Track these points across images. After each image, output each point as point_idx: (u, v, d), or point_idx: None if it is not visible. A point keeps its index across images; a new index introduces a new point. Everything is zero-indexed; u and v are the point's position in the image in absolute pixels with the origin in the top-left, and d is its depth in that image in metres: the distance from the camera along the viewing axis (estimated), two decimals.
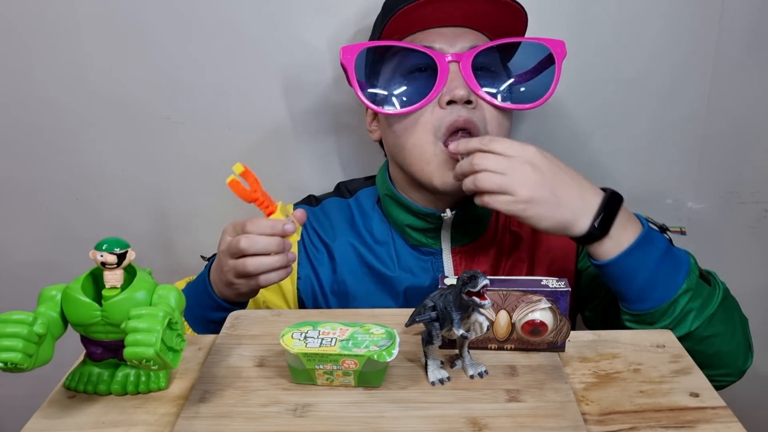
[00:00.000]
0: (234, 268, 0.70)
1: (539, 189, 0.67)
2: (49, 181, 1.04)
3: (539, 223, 0.68)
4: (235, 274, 0.70)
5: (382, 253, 0.84)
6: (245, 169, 0.68)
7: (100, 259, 0.53)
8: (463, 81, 0.75)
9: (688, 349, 0.63)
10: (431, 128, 0.76)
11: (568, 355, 0.61)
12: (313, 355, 0.54)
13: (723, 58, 0.97)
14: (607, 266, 0.70)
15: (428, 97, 0.75)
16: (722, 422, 0.52)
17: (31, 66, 0.98)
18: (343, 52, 0.77)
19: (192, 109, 1.00)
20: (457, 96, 0.74)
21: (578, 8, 0.95)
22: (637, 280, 0.69)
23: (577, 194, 0.69)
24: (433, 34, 0.78)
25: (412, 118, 0.77)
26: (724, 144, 1.02)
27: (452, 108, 0.75)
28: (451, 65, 0.76)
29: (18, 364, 0.49)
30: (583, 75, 0.98)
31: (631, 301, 0.71)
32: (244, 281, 0.71)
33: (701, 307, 0.70)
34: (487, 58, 0.78)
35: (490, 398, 0.54)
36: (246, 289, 0.72)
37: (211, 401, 0.54)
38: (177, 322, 0.51)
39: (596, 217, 0.68)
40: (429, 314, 0.56)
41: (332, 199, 0.90)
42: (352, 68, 0.77)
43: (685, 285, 0.69)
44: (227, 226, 0.74)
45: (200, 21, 0.95)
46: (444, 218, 0.80)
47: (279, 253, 0.69)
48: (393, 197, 0.83)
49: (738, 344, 0.74)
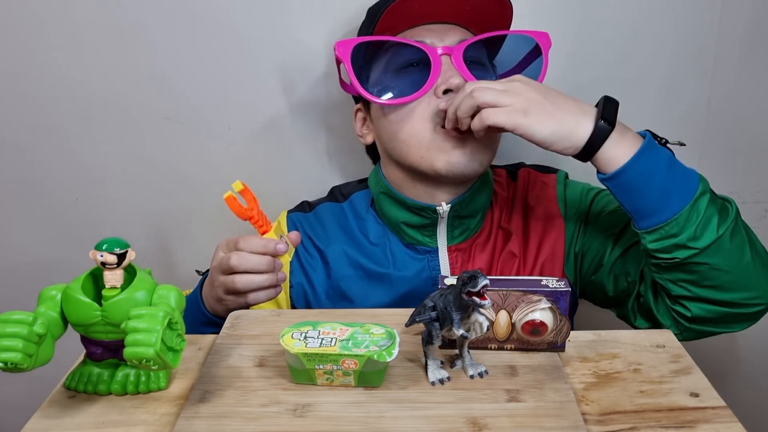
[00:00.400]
0: (224, 284, 0.71)
1: (535, 95, 0.69)
2: (49, 181, 1.04)
3: (541, 128, 0.68)
4: (225, 290, 0.72)
5: (377, 254, 0.84)
6: (244, 187, 0.69)
7: (100, 259, 0.53)
8: (457, 72, 0.76)
9: (717, 268, 0.64)
10: (428, 116, 0.77)
11: (568, 355, 0.61)
12: (313, 355, 0.54)
13: (723, 58, 0.97)
14: (622, 174, 0.68)
15: (424, 88, 0.76)
16: (722, 422, 0.52)
17: (31, 66, 0.98)
18: (338, 47, 0.78)
19: (192, 109, 1.00)
20: (453, 84, 0.75)
21: (578, 8, 0.95)
22: (654, 185, 0.68)
23: (573, 102, 0.71)
24: (423, 30, 0.79)
25: (407, 109, 0.78)
26: (724, 144, 1.02)
27: (449, 96, 0.76)
28: (443, 58, 0.77)
29: (18, 364, 0.49)
30: (583, 75, 0.98)
31: (652, 214, 0.69)
32: (233, 298, 0.72)
33: (722, 212, 0.69)
34: (476, 53, 0.80)
35: (490, 398, 0.54)
36: (235, 305, 0.73)
37: (211, 401, 0.54)
38: (177, 322, 0.51)
39: (599, 116, 0.68)
40: (429, 314, 0.56)
41: (326, 204, 0.91)
42: (348, 61, 0.78)
43: (701, 187, 0.68)
44: (221, 243, 0.75)
45: (200, 21, 0.95)
46: (440, 211, 0.80)
47: (269, 273, 0.70)
48: (388, 194, 0.83)
49: (765, 259, 0.72)
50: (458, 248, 0.83)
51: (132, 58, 0.97)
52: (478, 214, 0.84)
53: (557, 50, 0.96)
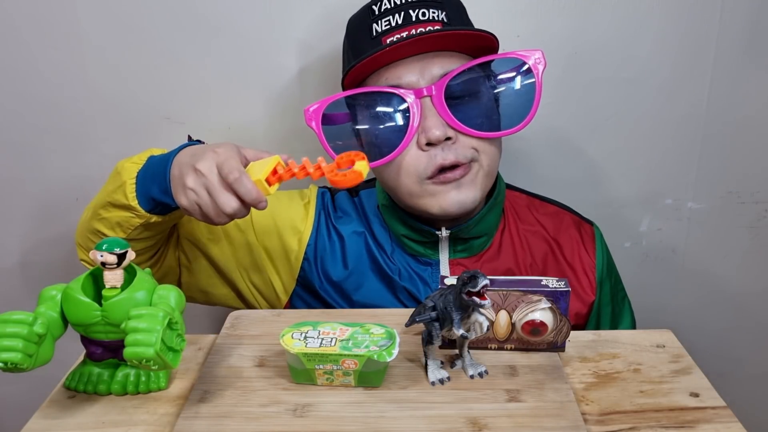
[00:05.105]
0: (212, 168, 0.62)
1: None
2: (49, 181, 1.04)
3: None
4: (202, 185, 0.63)
5: (383, 254, 0.84)
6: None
7: (100, 259, 0.53)
8: (438, 117, 0.72)
9: None
10: (414, 171, 0.74)
11: (568, 355, 0.61)
12: (313, 355, 0.54)
13: (723, 58, 0.97)
14: None
15: (404, 141, 0.73)
16: (722, 422, 0.52)
17: (31, 66, 0.98)
18: (306, 116, 0.74)
19: (192, 109, 1.00)
20: (433, 138, 0.71)
21: (578, 8, 0.95)
22: None
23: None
24: (401, 68, 0.74)
25: (394, 163, 0.75)
26: (723, 144, 1.02)
27: (433, 151, 0.73)
28: (423, 101, 0.72)
29: (18, 364, 0.49)
30: (583, 75, 0.98)
31: None
32: (203, 194, 0.63)
33: None
34: (462, 82, 0.74)
35: (490, 398, 0.54)
36: (189, 201, 0.64)
37: (211, 401, 0.54)
38: (177, 322, 0.51)
39: None
40: (429, 314, 0.56)
41: (343, 194, 0.89)
42: (320, 130, 0.74)
43: None
44: (231, 147, 0.65)
45: (200, 21, 0.95)
46: (439, 235, 0.80)
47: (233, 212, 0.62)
48: (391, 207, 0.82)
49: None
50: (460, 262, 0.82)
51: (132, 58, 0.97)
52: (483, 236, 0.82)
53: (557, 50, 0.96)
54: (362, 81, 0.79)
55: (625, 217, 1.06)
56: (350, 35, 0.81)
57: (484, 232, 0.81)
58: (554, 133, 1.01)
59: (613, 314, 0.86)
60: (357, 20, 0.80)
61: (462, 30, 0.73)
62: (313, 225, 0.84)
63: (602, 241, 0.87)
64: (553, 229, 0.86)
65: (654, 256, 1.08)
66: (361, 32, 0.78)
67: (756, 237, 1.07)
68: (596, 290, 0.84)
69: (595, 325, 0.84)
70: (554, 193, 0.92)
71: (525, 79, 0.76)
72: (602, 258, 0.85)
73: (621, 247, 1.07)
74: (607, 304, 0.85)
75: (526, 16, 0.95)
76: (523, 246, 0.84)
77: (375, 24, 0.76)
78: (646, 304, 1.04)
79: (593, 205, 1.01)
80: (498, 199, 0.83)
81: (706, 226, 1.06)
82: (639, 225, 1.07)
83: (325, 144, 0.75)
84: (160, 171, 0.68)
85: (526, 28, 0.95)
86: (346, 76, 0.76)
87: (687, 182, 1.04)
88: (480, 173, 0.76)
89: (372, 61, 0.73)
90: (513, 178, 0.93)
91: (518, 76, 0.76)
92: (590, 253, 0.85)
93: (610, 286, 0.86)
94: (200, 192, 0.63)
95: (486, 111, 0.76)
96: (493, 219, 0.82)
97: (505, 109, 0.77)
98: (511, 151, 1.00)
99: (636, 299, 0.92)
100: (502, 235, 0.84)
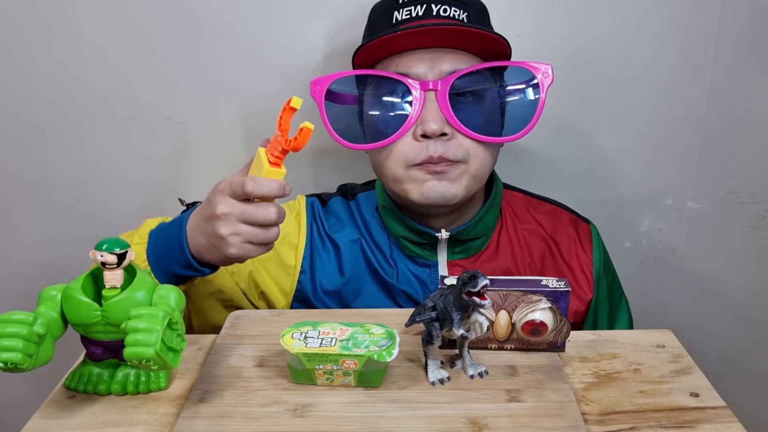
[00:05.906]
0: (232, 214, 0.62)
1: None
2: (49, 181, 1.04)
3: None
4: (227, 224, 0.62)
5: (381, 258, 0.84)
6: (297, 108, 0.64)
7: (100, 259, 0.52)
8: (439, 112, 0.73)
9: None
10: (403, 158, 0.75)
11: (568, 355, 0.61)
12: (313, 355, 0.54)
13: (723, 57, 0.97)
14: None
15: (402, 129, 0.74)
16: (722, 422, 0.52)
17: (31, 66, 0.98)
18: (312, 86, 0.75)
19: (192, 109, 1.00)
20: (429, 131, 0.72)
21: (578, 8, 0.95)
22: None
23: None
24: (412, 57, 0.75)
25: (387, 147, 0.76)
26: (723, 144, 1.02)
27: (426, 142, 0.73)
28: (427, 94, 0.73)
29: (18, 364, 0.49)
30: (583, 75, 0.98)
31: None
32: (233, 235, 0.63)
33: None
34: (469, 83, 0.75)
35: (490, 398, 0.54)
36: (223, 249, 0.63)
37: (211, 401, 0.54)
38: (177, 322, 0.51)
39: None
40: (429, 314, 0.56)
41: (337, 199, 0.90)
42: (321, 102, 0.75)
43: None
44: (219, 185, 0.65)
45: (200, 21, 0.95)
46: (439, 237, 0.80)
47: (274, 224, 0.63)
48: (390, 208, 0.82)
49: None
50: (458, 263, 0.82)
51: (132, 58, 0.97)
52: (481, 237, 0.83)
53: (557, 50, 0.96)
54: (373, 65, 0.79)
55: (625, 217, 1.06)
56: (371, 20, 0.82)
57: (482, 233, 0.82)
58: (554, 133, 1.01)
59: (610, 312, 0.86)
60: (380, 7, 0.81)
61: (474, 29, 0.73)
62: (306, 237, 0.84)
63: (599, 240, 0.88)
64: (550, 227, 0.86)
65: (654, 256, 1.08)
66: (382, 18, 0.79)
67: (756, 237, 1.07)
68: (593, 288, 0.84)
69: (592, 322, 0.85)
70: (554, 193, 0.92)
71: (530, 92, 0.76)
72: (599, 256, 0.86)
73: (621, 247, 1.07)
74: (604, 301, 0.85)
75: (526, 16, 0.95)
76: (521, 245, 0.84)
77: (396, 12, 0.77)
78: (646, 304, 1.05)
79: (593, 205, 1.01)
80: (495, 200, 0.83)
81: (706, 226, 1.06)
82: (639, 225, 1.07)
83: (325, 118, 0.76)
84: (175, 249, 0.67)
85: (527, 28, 0.95)
86: (357, 55, 0.77)
87: (687, 182, 1.04)
88: (465, 175, 0.76)
89: (385, 43, 0.74)
90: (513, 177, 0.93)
91: (524, 87, 0.77)
92: (587, 252, 0.85)
93: (607, 284, 0.86)
94: (239, 228, 0.63)
95: (486, 115, 0.76)
96: (490, 220, 0.83)
97: (505, 117, 0.78)
98: (511, 151, 1.00)
99: (636, 299, 0.92)
100: (500, 235, 0.85)
